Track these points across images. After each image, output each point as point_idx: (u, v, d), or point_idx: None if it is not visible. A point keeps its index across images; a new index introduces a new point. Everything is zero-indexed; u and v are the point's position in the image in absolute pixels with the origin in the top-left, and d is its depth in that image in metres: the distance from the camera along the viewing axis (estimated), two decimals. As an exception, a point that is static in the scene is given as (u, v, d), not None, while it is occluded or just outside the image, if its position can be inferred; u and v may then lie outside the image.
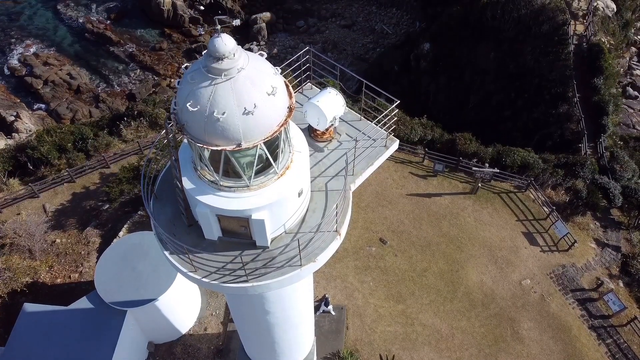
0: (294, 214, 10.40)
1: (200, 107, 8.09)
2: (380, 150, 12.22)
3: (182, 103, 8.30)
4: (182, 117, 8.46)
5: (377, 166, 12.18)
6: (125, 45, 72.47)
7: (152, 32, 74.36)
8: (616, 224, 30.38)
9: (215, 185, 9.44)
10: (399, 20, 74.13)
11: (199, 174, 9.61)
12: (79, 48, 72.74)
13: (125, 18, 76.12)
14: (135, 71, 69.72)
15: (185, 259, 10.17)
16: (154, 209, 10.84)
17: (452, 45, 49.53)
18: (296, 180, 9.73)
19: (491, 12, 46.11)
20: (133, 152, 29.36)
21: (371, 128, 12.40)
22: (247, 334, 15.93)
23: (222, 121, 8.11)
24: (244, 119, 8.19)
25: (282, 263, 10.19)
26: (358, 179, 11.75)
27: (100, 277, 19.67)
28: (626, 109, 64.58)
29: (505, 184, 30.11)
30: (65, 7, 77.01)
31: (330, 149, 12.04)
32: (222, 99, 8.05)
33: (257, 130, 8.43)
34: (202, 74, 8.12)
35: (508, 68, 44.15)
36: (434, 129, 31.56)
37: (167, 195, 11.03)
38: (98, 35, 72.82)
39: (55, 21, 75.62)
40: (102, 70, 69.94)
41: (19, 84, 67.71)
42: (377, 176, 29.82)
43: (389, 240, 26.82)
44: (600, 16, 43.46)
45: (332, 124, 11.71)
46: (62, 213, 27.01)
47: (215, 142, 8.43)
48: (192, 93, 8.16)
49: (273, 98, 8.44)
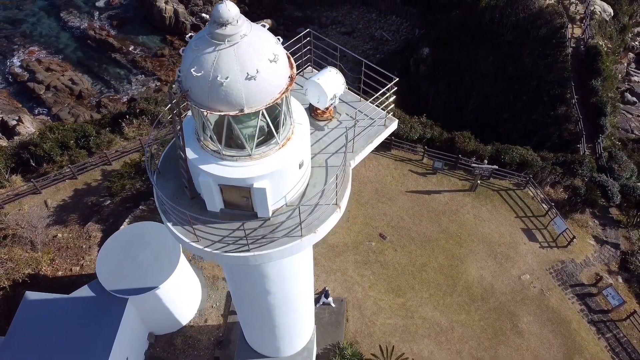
0: (295, 187, 10.59)
1: (204, 72, 8.31)
2: (380, 129, 12.41)
3: (186, 69, 8.53)
4: (186, 84, 8.67)
5: (376, 144, 12.35)
6: (127, 52, 72.98)
7: (154, 38, 74.91)
8: (615, 222, 30.51)
9: (218, 155, 9.65)
10: (399, 27, 74.75)
11: (201, 145, 9.83)
12: (81, 54, 73.24)
13: (128, 25, 76.74)
14: (137, 77, 70.14)
15: (189, 230, 10.34)
16: (157, 183, 11.00)
17: (451, 50, 50.00)
18: (297, 151, 9.93)
19: (490, 16, 46.65)
20: (135, 149, 29.60)
21: (371, 108, 12.57)
22: (248, 318, 16.04)
23: (225, 86, 8.32)
24: (247, 84, 8.40)
25: (283, 233, 10.35)
26: (358, 156, 11.93)
27: (102, 266, 19.82)
28: (625, 114, 65.00)
29: (504, 182, 30.30)
30: (68, 14, 77.67)
31: (330, 128, 12.24)
32: (225, 64, 8.27)
33: (259, 96, 8.63)
34: (207, 41, 8.34)
35: (507, 71, 44.55)
36: (433, 128, 31.83)
37: (170, 172, 11.22)
38: (100, 41, 73.36)
39: (58, 28, 76.22)
40: (104, 76, 70.35)
41: (22, 89, 68.10)
42: (377, 173, 30.04)
43: (388, 236, 26.95)
44: (598, 20, 43.95)
45: (332, 103, 11.91)
46: (64, 209, 27.17)
47: (219, 108, 8.64)
48: (196, 59, 8.38)
49: (275, 65, 8.67)
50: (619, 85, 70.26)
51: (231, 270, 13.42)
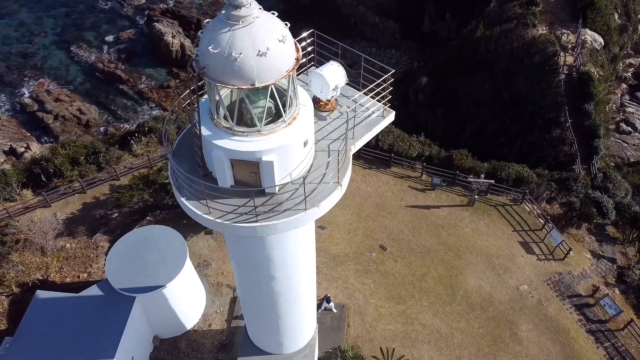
0: (300, 165, 11.47)
1: (220, 50, 9.35)
2: (378, 119, 13.38)
3: (204, 48, 9.59)
4: (204, 61, 9.73)
5: (375, 132, 13.28)
6: (134, 83, 75.13)
7: (161, 71, 77.20)
8: (611, 239, 31.10)
9: (230, 131, 10.61)
10: (398, 60, 77.15)
11: (215, 123, 10.81)
12: (90, 86, 75.39)
13: (135, 58, 79.26)
14: (142, 107, 71.97)
15: (202, 203, 11.18)
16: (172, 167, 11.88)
17: (449, 78, 51.71)
18: (302, 130, 10.89)
19: (485, 46, 48.47)
20: (143, 165, 30.58)
21: (371, 103, 13.60)
22: (252, 309, 16.58)
23: (239, 61, 9.34)
24: (258, 59, 9.43)
25: (288, 206, 11.16)
26: (358, 142, 12.86)
27: (111, 266, 20.46)
28: (620, 143, 66.42)
29: (501, 198, 31.10)
30: (78, 48, 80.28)
31: (332, 118, 13.23)
32: (239, 42, 9.32)
33: (268, 71, 9.65)
34: (223, 22, 9.43)
35: (502, 97, 46.01)
36: (431, 146, 32.92)
37: (184, 154, 12.13)
38: (108, 74, 75.59)
39: (68, 61, 78.68)
40: (111, 106, 72.21)
41: (31, 118, 69.91)
42: (377, 189, 30.90)
43: (389, 247, 27.58)
44: (589, 49, 45.68)
45: (334, 95, 12.95)
46: (73, 221, 27.92)
47: (232, 82, 9.65)
48: (213, 38, 9.45)
49: (283, 45, 9.73)
50: (614, 115, 72.10)
51: (238, 254, 14.13)
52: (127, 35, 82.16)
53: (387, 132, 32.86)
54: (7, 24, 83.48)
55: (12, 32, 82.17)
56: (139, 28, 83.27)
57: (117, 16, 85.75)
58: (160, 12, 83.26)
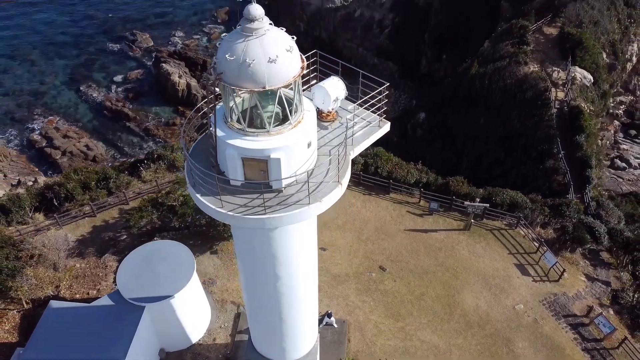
0: (304, 164, 12.74)
1: (235, 57, 10.79)
2: (374, 129, 14.75)
3: (221, 56, 11.03)
4: (221, 67, 11.15)
5: (372, 140, 14.60)
6: (141, 121, 77.36)
7: (167, 109, 79.62)
8: (606, 264, 31.93)
9: (242, 132, 11.96)
10: (397, 99, 79.53)
11: (229, 125, 12.17)
12: (98, 123, 77.65)
13: (142, 97, 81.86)
14: (148, 143, 73.80)
15: (215, 199, 12.39)
16: (188, 167, 13.15)
17: (445, 114, 53.67)
18: (306, 132, 12.24)
19: (479, 83, 50.61)
20: (151, 190, 31.84)
21: (367, 114, 15.02)
22: (257, 312, 17.42)
23: (252, 67, 10.77)
24: (268, 66, 10.87)
25: (293, 201, 12.37)
26: (357, 147, 14.17)
27: (122, 277, 21.37)
28: (616, 178, 67.86)
29: (497, 222, 32.16)
30: (88, 87, 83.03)
31: (333, 128, 14.61)
32: (252, 50, 10.78)
33: (278, 77, 11.07)
34: (238, 34, 10.92)
35: (497, 131, 47.70)
36: (428, 173, 34.24)
37: (199, 158, 13.43)
38: (116, 112, 77.95)
39: (78, 100, 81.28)
40: (117, 143, 74.14)
41: (39, 154, 71.72)
42: (377, 214, 32.02)
43: (388, 268, 28.45)
44: (579, 85, 47.69)
45: (335, 106, 14.40)
46: (82, 243, 28.93)
47: (246, 85, 11.07)
48: (229, 47, 10.91)
49: (290, 54, 11.19)
50: (609, 152, 73.89)
51: (245, 253, 15.18)
52: (135, 76, 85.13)
53: (386, 160, 34.29)
54: (20, 64, 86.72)
55: (25, 72, 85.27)
56: (146, 69, 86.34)
57: (125, 58, 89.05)
58: (167, 54, 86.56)
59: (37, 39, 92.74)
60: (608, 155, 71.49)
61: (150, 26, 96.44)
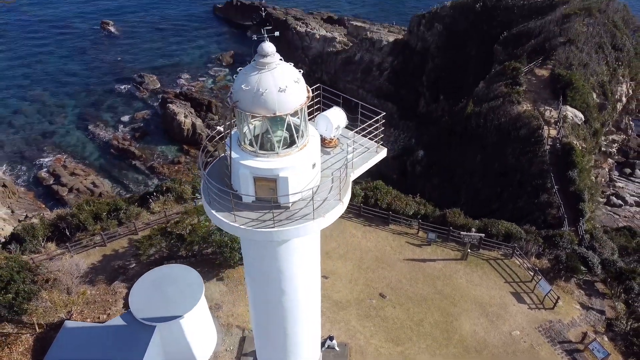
0: (309, 183, 14.17)
1: (250, 87, 12.41)
2: (372, 154, 16.26)
3: (238, 86, 12.66)
4: (237, 96, 12.75)
5: (371, 164, 16.06)
6: (146, 159, 79.31)
7: (172, 148, 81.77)
8: (600, 294, 32.79)
9: (254, 154, 13.47)
10: (397, 138, 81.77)
11: (242, 148, 13.68)
12: (104, 161, 79.64)
13: (149, 136, 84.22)
14: (153, 181, 75.43)
15: (229, 214, 13.76)
16: (204, 184, 14.58)
17: (443, 151, 55.47)
18: (311, 154, 13.76)
19: (475, 121, 52.63)
20: (159, 221, 33.13)
21: (365, 141, 16.57)
22: (262, 327, 18.44)
23: (264, 95, 12.38)
24: (279, 94, 12.48)
25: (299, 216, 13.74)
26: (357, 170, 15.63)
27: (134, 298, 22.40)
28: (612, 215, 69.10)
29: (493, 252, 33.24)
30: (95, 127, 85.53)
31: (335, 153, 16.13)
32: (264, 82, 12.41)
33: (287, 104, 12.67)
34: (253, 67, 12.59)
35: (493, 167, 49.32)
36: (426, 206, 35.59)
37: (215, 179, 14.87)
38: (123, 150, 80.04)
39: (85, 139, 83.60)
40: (123, 180, 75.85)
41: (46, 191, 73.36)
42: (377, 244, 33.17)
43: (388, 295, 29.38)
44: (570, 123, 49.64)
45: (337, 133, 15.96)
46: (93, 270, 29.98)
47: (259, 111, 12.65)
48: (245, 79, 12.55)
49: (297, 85, 12.84)
50: (605, 189, 75.37)
51: (253, 268, 16.39)
52: (142, 116, 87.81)
53: (386, 193, 35.72)
54: (31, 104, 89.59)
55: (35, 113, 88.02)
56: (153, 109, 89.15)
57: (133, 99, 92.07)
58: (174, 95, 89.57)
59: (49, 81, 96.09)
60: (604, 193, 72.88)
61: (157, 69, 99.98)
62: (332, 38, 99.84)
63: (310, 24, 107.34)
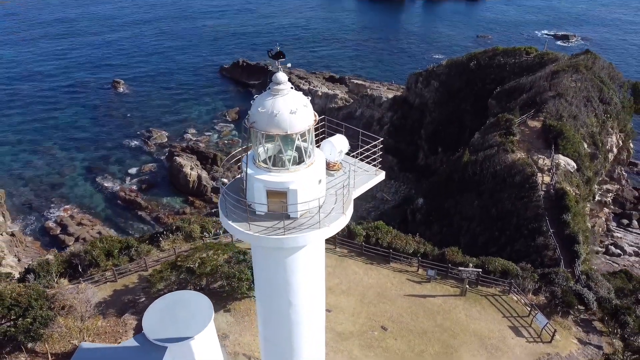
0: (315, 197, 15.90)
1: (266, 109, 14.44)
2: (371, 176, 18.09)
3: (255, 109, 14.70)
4: (253, 118, 14.76)
5: (371, 185, 17.85)
6: (152, 210, 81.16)
7: (177, 199, 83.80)
8: (598, 331, 33.53)
9: (268, 169, 15.32)
10: (397, 189, 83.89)
11: (257, 165, 15.55)
12: (111, 212, 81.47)
13: (155, 188, 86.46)
14: (159, 230, 76.71)
15: (244, 224, 15.41)
16: (221, 198, 16.32)
17: (442, 199, 57.25)
18: (317, 171, 15.60)
19: (472, 169, 54.76)
20: (169, 258, 34.46)
21: (365, 165, 18.46)
22: (270, 343, 19.53)
23: (277, 116, 14.39)
24: (290, 116, 14.49)
25: (307, 226, 15.39)
26: (357, 190, 17.40)
27: (147, 320, 23.46)
28: (611, 264, 70.01)
29: (491, 289, 34.28)
30: (103, 179, 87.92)
31: (338, 175, 17.97)
32: (278, 105, 14.45)
33: (297, 125, 14.64)
34: (268, 94, 14.68)
35: (490, 212, 50.92)
36: (425, 244, 36.95)
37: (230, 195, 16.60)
38: (129, 201, 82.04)
39: (93, 190, 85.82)
40: (129, 230, 77.21)
41: (53, 240, 74.75)
42: (378, 281, 34.30)
43: (389, 328, 30.24)
44: (563, 170, 51.70)
45: (340, 157, 17.85)
46: (104, 304, 31.03)
47: (273, 131, 14.61)
48: (261, 103, 14.61)
49: (306, 109, 14.89)
50: (603, 239, 76.51)
51: (263, 280, 17.79)
52: (149, 169, 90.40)
53: (386, 232, 37.20)
54: (41, 158, 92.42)
55: (44, 165, 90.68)
56: (160, 162, 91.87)
57: (141, 152, 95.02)
58: (180, 148, 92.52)
59: (59, 136, 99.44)
60: (602, 242, 73.98)
61: (165, 124, 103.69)
62: (334, 95, 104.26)
63: (313, 82, 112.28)
